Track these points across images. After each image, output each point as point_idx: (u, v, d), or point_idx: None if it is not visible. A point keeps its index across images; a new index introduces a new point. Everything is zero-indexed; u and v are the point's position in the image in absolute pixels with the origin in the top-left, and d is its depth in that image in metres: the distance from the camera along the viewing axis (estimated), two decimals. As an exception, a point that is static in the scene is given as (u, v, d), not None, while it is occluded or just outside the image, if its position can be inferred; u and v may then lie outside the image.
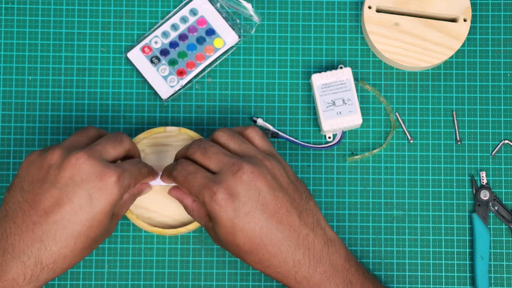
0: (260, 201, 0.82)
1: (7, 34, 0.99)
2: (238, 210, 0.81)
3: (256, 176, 0.82)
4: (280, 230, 0.82)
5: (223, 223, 0.82)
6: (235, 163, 0.82)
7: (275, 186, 0.83)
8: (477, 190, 0.98)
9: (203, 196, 0.82)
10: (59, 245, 0.79)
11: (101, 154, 0.82)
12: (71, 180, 0.80)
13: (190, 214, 0.88)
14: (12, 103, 0.98)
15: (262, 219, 0.81)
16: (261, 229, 0.81)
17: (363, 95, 0.99)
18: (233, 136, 0.86)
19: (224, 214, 0.81)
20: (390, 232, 0.97)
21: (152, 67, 0.98)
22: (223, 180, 0.82)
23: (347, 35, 1.00)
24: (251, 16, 0.99)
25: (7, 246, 0.79)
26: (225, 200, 0.81)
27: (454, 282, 0.97)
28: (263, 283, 0.97)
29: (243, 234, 0.81)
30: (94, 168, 0.80)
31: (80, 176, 0.80)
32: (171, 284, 0.96)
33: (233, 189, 0.81)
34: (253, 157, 0.84)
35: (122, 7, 1.00)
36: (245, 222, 0.81)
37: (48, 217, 0.79)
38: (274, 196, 0.82)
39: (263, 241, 0.82)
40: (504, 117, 0.99)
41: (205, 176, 0.83)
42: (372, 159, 0.98)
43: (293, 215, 0.83)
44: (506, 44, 1.00)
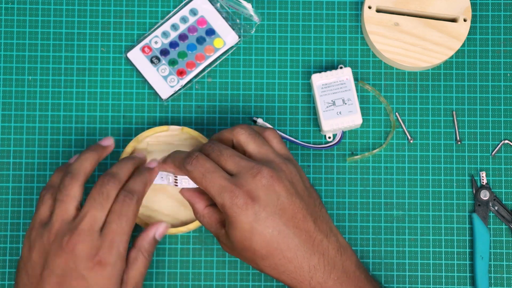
0: (279, 205, 0.82)
1: (7, 34, 0.99)
2: (258, 214, 0.81)
3: (275, 180, 0.82)
4: (297, 235, 0.82)
5: (241, 226, 0.81)
6: (254, 166, 0.82)
7: (292, 191, 0.83)
8: (477, 190, 0.98)
9: (222, 198, 0.81)
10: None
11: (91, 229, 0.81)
12: (67, 266, 0.80)
13: (199, 219, 0.87)
14: (12, 103, 0.98)
15: (281, 224, 0.81)
16: (279, 234, 0.81)
17: (363, 95, 0.99)
18: (254, 136, 0.86)
19: (244, 218, 0.81)
20: (390, 232, 0.97)
21: (152, 67, 0.98)
22: (243, 183, 0.82)
23: (347, 35, 1.00)
24: (251, 16, 0.99)
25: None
26: (246, 203, 0.81)
27: (454, 282, 0.97)
28: (263, 283, 0.97)
29: (261, 238, 0.81)
30: (84, 252, 0.80)
31: (74, 261, 0.80)
32: (171, 284, 0.96)
33: (254, 192, 0.81)
34: (271, 161, 0.84)
35: (122, 7, 1.00)
36: (264, 226, 0.81)
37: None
38: (292, 202, 0.82)
39: (280, 246, 0.82)
40: (504, 117, 0.99)
41: (224, 177, 0.82)
42: (372, 159, 0.98)
43: (309, 221, 0.83)
44: (506, 44, 1.00)
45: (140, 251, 0.85)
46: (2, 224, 0.97)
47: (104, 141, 0.89)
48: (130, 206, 0.83)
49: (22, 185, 0.97)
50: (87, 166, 0.85)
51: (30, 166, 0.97)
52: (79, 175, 0.84)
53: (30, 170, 0.97)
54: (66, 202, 0.83)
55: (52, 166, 0.97)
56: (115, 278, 0.81)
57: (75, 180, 0.84)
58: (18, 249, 0.96)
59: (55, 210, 0.83)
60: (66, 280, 0.80)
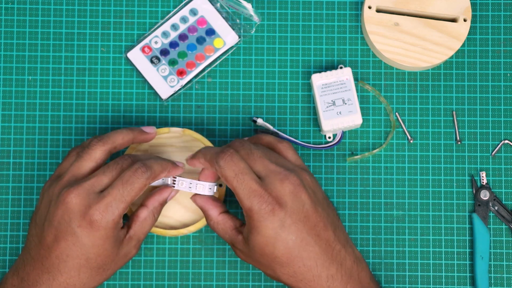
0: (304, 213, 0.82)
1: (7, 34, 0.99)
2: (284, 220, 0.81)
3: (301, 188, 0.82)
4: (318, 244, 0.83)
5: (266, 232, 0.82)
6: (281, 172, 0.83)
7: (315, 199, 0.83)
8: (477, 190, 0.98)
9: (251, 202, 0.81)
10: (65, 276, 0.83)
11: (92, 188, 0.82)
12: (62, 219, 0.82)
13: (213, 226, 0.87)
14: (12, 103, 0.98)
15: (304, 232, 0.82)
16: (301, 241, 0.82)
17: (363, 95, 0.99)
18: (269, 151, 0.86)
19: (270, 223, 0.81)
20: (390, 232, 0.97)
21: (152, 67, 0.98)
22: (271, 188, 0.82)
23: (347, 35, 1.00)
24: (251, 16, 0.99)
25: (24, 275, 0.84)
26: (273, 209, 0.81)
27: (454, 282, 0.97)
28: (263, 283, 0.97)
29: (284, 245, 0.82)
30: (79, 207, 0.82)
31: (68, 215, 0.82)
32: (171, 284, 0.96)
33: (282, 198, 0.82)
34: (291, 170, 0.84)
35: (122, 7, 1.00)
36: (288, 233, 0.82)
37: (51, 251, 0.83)
38: (315, 210, 0.83)
39: (301, 254, 0.82)
40: (504, 117, 0.99)
41: (255, 181, 0.82)
42: (372, 159, 0.98)
43: (329, 230, 0.83)
44: (506, 44, 1.00)
45: (152, 211, 0.86)
46: (2, 224, 0.97)
47: (146, 128, 0.90)
48: (140, 178, 0.83)
49: (22, 185, 0.97)
50: (118, 138, 0.87)
51: (30, 166, 0.97)
52: (107, 142, 0.85)
53: (30, 170, 0.97)
54: (84, 160, 0.85)
55: (52, 166, 0.97)
56: (109, 240, 0.82)
57: (101, 144, 0.85)
58: (18, 249, 0.96)
59: (71, 165, 0.85)
60: (61, 233, 0.82)
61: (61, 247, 0.82)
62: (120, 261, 0.86)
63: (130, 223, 0.86)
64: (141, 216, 0.86)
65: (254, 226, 0.82)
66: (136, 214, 0.86)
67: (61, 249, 0.82)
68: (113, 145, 0.86)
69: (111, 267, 0.85)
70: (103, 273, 0.85)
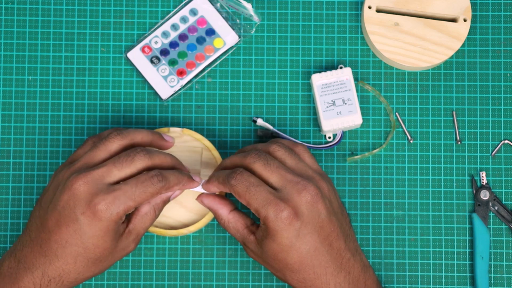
0: (319, 223, 0.83)
1: (7, 34, 0.99)
2: (300, 230, 0.82)
3: (318, 198, 0.83)
4: (329, 253, 0.84)
5: (281, 240, 0.82)
6: (299, 182, 0.83)
7: (330, 209, 0.84)
8: (477, 190, 0.98)
9: (266, 211, 0.82)
10: (61, 262, 0.83)
11: (101, 178, 0.83)
12: (67, 204, 0.82)
13: (224, 225, 0.87)
14: (12, 103, 0.98)
15: (318, 241, 0.83)
16: (314, 251, 0.83)
17: (363, 95, 0.99)
18: (290, 153, 0.86)
19: (286, 233, 0.82)
20: (390, 232, 0.97)
21: (152, 67, 0.98)
22: (288, 198, 0.82)
23: (347, 35, 1.00)
24: (251, 16, 0.99)
25: (21, 256, 0.84)
26: (290, 218, 0.82)
27: (454, 282, 0.97)
28: (263, 283, 0.97)
29: (297, 254, 0.83)
30: (85, 195, 0.82)
31: (73, 201, 0.82)
32: (171, 284, 0.96)
33: (299, 208, 0.82)
34: (311, 178, 0.85)
35: (122, 7, 1.00)
36: (303, 242, 0.82)
37: (51, 235, 0.83)
38: (330, 220, 0.84)
39: (313, 262, 0.83)
40: (504, 117, 0.99)
41: (269, 191, 0.83)
42: (372, 159, 0.98)
43: (341, 239, 0.84)
44: (506, 44, 1.00)
45: (153, 207, 0.86)
46: (2, 224, 0.97)
47: (166, 136, 0.91)
48: (154, 185, 0.83)
49: (22, 185, 0.97)
50: (138, 137, 0.87)
51: (30, 166, 0.97)
52: (126, 138, 0.86)
53: (30, 170, 0.97)
54: (100, 150, 0.85)
55: (52, 166, 0.97)
56: (109, 233, 0.83)
57: (120, 138, 0.86)
58: (18, 249, 0.96)
59: (85, 153, 0.86)
60: (63, 218, 0.82)
61: (61, 232, 0.82)
62: (117, 254, 0.86)
63: (131, 217, 0.86)
64: (142, 210, 0.86)
65: (269, 233, 0.83)
66: (137, 209, 0.86)
67: (61, 234, 0.82)
68: (130, 142, 0.86)
69: (107, 260, 0.85)
70: (99, 265, 0.85)
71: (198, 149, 0.94)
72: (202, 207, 0.93)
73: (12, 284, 0.83)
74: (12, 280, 0.83)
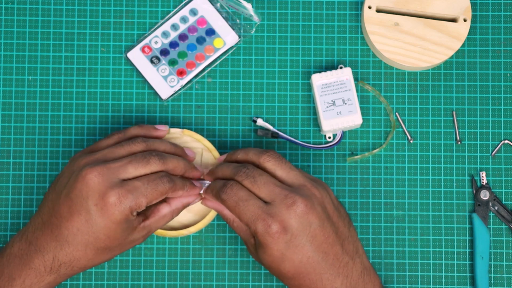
0: (311, 233, 0.83)
1: (7, 34, 0.99)
2: (290, 242, 0.83)
3: (308, 209, 0.83)
4: (325, 260, 0.84)
5: (272, 253, 0.83)
6: (288, 195, 0.84)
7: (324, 217, 0.84)
8: (477, 190, 0.98)
9: (255, 226, 0.83)
10: (72, 248, 0.84)
11: (116, 173, 0.84)
12: (80, 193, 0.83)
13: (230, 224, 0.88)
14: (12, 103, 0.98)
15: (310, 251, 0.83)
16: (307, 260, 0.83)
17: (363, 95, 0.99)
18: (280, 162, 0.87)
19: (275, 246, 0.83)
20: (390, 232, 0.97)
21: (152, 67, 0.98)
22: (276, 212, 0.83)
23: (347, 35, 1.00)
24: (251, 16, 0.99)
25: (33, 238, 0.85)
26: (278, 233, 0.83)
27: (454, 282, 0.97)
28: (263, 283, 0.97)
29: (290, 264, 0.84)
30: (99, 186, 0.83)
31: (87, 191, 0.83)
32: (171, 284, 0.96)
33: (287, 222, 0.83)
34: (302, 187, 0.85)
35: (122, 7, 1.00)
36: (294, 253, 0.83)
37: (63, 222, 0.84)
38: (323, 228, 0.84)
39: (307, 270, 0.84)
40: (504, 117, 0.99)
41: (258, 206, 0.84)
42: (372, 159, 0.98)
43: (337, 245, 0.85)
44: (506, 44, 1.00)
45: (172, 210, 0.88)
46: (2, 224, 0.97)
47: (188, 150, 0.92)
48: (164, 184, 0.85)
49: (22, 185, 0.97)
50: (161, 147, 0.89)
51: (30, 166, 0.97)
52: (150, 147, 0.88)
53: (30, 170, 0.97)
54: (122, 148, 0.87)
55: (52, 166, 0.97)
56: (121, 226, 0.84)
57: (144, 146, 0.87)
58: (18, 249, 0.96)
59: (108, 148, 0.87)
60: (76, 206, 0.83)
61: (73, 220, 0.83)
62: (126, 246, 0.87)
63: (149, 214, 0.87)
64: (162, 211, 0.88)
65: (260, 246, 0.84)
66: (157, 208, 0.88)
67: (73, 222, 0.83)
68: (153, 148, 0.88)
69: (116, 250, 0.86)
70: (108, 253, 0.86)
71: (198, 150, 0.94)
72: (202, 208, 0.93)
73: (23, 265, 0.84)
74: (22, 261, 0.84)
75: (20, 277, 0.84)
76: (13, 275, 0.84)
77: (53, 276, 0.85)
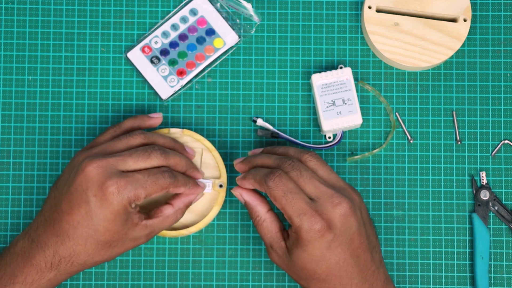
0: (350, 235, 0.84)
1: (7, 34, 0.99)
2: (331, 242, 0.83)
3: (352, 211, 0.84)
4: (357, 264, 0.84)
5: (312, 251, 0.83)
6: (334, 195, 0.84)
7: (361, 222, 0.85)
8: (477, 190, 0.98)
9: (301, 221, 0.83)
10: (72, 242, 0.84)
11: (115, 165, 0.84)
12: (79, 186, 0.84)
13: (258, 222, 0.88)
14: (12, 103, 0.98)
15: (348, 253, 0.84)
16: (343, 262, 0.84)
17: (363, 95, 0.99)
18: (322, 163, 0.87)
19: (318, 244, 0.83)
20: (390, 232, 0.97)
21: (152, 67, 0.98)
22: (323, 210, 0.83)
23: (347, 35, 1.00)
24: (251, 16, 0.99)
25: (35, 236, 0.86)
26: (323, 231, 0.83)
27: (454, 282, 0.97)
28: (263, 283, 0.97)
29: (326, 264, 0.84)
30: (98, 177, 0.83)
31: (86, 183, 0.83)
32: (171, 284, 0.96)
33: (332, 221, 0.83)
34: (343, 189, 0.86)
35: (122, 7, 1.00)
36: (333, 254, 0.83)
37: (63, 216, 0.84)
38: (360, 233, 0.85)
39: (340, 273, 0.84)
40: (504, 117, 0.99)
41: (305, 201, 0.84)
42: (372, 159, 0.98)
43: (368, 252, 0.85)
44: (506, 44, 1.00)
45: (176, 211, 0.88)
46: (2, 224, 0.97)
47: (188, 149, 0.92)
48: (164, 179, 0.85)
49: (22, 185, 0.97)
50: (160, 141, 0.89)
51: (30, 166, 0.97)
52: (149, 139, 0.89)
53: (30, 170, 0.97)
54: (121, 142, 0.87)
55: (52, 166, 0.97)
56: (120, 217, 0.84)
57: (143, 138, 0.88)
58: (18, 249, 0.96)
59: (106, 142, 0.88)
60: (76, 199, 0.83)
61: (73, 213, 0.83)
62: (128, 243, 0.86)
63: (152, 214, 0.87)
64: (165, 212, 0.88)
65: (301, 243, 0.84)
66: (160, 209, 0.88)
67: (73, 215, 0.83)
68: (151, 141, 0.88)
69: (117, 246, 0.86)
70: (109, 250, 0.86)
71: (198, 150, 0.94)
72: (202, 208, 0.93)
73: (25, 263, 0.85)
74: (25, 258, 0.85)
75: (22, 274, 0.85)
76: (15, 273, 0.85)
77: (53, 272, 0.85)
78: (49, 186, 0.97)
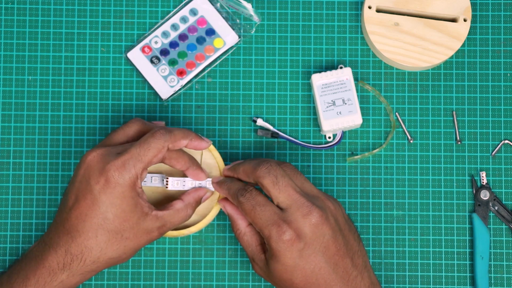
0: (324, 243, 0.84)
1: (7, 34, 0.99)
2: (303, 251, 0.83)
3: (323, 220, 0.84)
4: (335, 272, 0.84)
5: (284, 261, 0.84)
6: (304, 204, 0.84)
7: (336, 229, 0.85)
8: (477, 190, 0.98)
9: (269, 231, 0.83)
10: (82, 237, 0.84)
11: (115, 151, 0.85)
12: (83, 178, 0.84)
13: (239, 236, 0.88)
14: (12, 103, 0.98)
15: (323, 261, 0.84)
16: (319, 270, 0.84)
17: (363, 95, 0.99)
18: (296, 173, 0.87)
19: (289, 253, 0.83)
20: (390, 232, 0.97)
21: (152, 67, 0.98)
22: (292, 220, 0.83)
23: (347, 35, 1.00)
24: (251, 16, 0.99)
25: (48, 239, 0.86)
26: (292, 240, 0.83)
27: (454, 282, 0.97)
28: (263, 283, 0.97)
29: (302, 273, 0.84)
30: (98, 165, 0.84)
31: (88, 172, 0.84)
32: (171, 284, 0.96)
33: (301, 230, 0.83)
34: (316, 198, 0.86)
35: (122, 7, 1.00)
36: (307, 262, 0.83)
37: (71, 212, 0.84)
38: (335, 239, 0.84)
39: (318, 281, 0.84)
40: (504, 117, 0.99)
41: (274, 211, 0.84)
42: (372, 159, 0.98)
43: (347, 258, 0.85)
44: (506, 44, 1.00)
45: (186, 205, 0.88)
46: (2, 224, 0.97)
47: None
48: (157, 139, 0.85)
49: (22, 185, 0.97)
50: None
51: (30, 166, 0.97)
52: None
53: (30, 170, 0.97)
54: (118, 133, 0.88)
55: (52, 166, 0.97)
56: (126, 201, 0.84)
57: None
58: (18, 249, 0.96)
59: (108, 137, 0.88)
60: (81, 192, 0.84)
61: (80, 206, 0.84)
62: (140, 236, 0.85)
63: (163, 208, 0.87)
64: (176, 206, 0.88)
65: (273, 254, 0.84)
66: (171, 203, 0.88)
67: (80, 208, 0.83)
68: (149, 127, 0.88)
69: (130, 238, 0.85)
70: (122, 242, 0.85)
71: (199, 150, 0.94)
72: (203, 208, 0.93)
73: (37, 265, 0.85)
74: (37, 261, 0.85)
75: (35, 277, 0.84)
76: (28, 276, 0.85)
77: (66, 273, 0.85)
78: (49, 186, 0.97)
